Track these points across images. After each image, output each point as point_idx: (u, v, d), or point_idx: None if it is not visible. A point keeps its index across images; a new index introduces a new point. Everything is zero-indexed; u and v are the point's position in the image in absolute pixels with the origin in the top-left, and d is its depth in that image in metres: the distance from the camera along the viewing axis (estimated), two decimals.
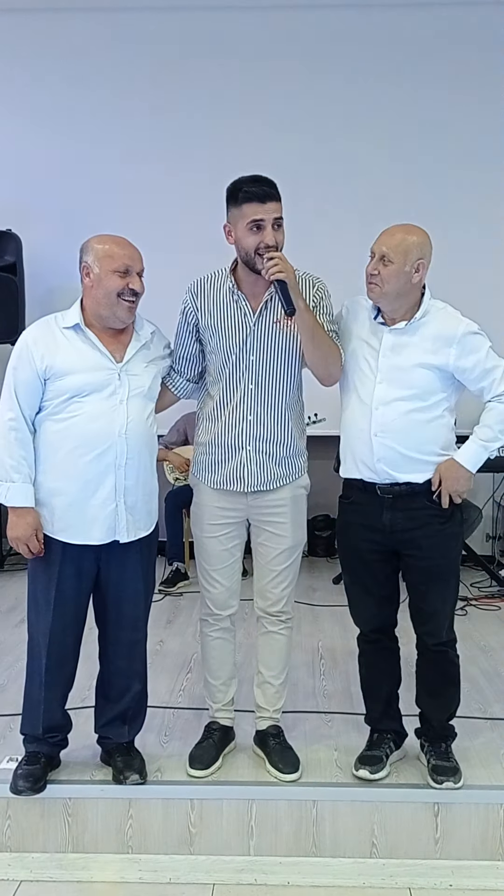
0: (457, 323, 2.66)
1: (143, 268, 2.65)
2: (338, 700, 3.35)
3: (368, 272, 2.62)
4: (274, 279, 2.55)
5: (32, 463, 2.63)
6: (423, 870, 2.65)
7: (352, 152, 5.23)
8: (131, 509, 2.67)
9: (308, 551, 5.46)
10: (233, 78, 5.25)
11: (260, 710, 2.94)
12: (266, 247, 2.57)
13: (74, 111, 5.31)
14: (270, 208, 2.58)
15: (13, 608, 4.43)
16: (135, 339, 2.70)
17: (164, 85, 5.28)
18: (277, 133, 5.18)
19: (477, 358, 2.65)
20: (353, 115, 5.24)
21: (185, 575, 4.95)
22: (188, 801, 2.72)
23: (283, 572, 2.82)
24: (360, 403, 2.68)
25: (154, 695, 3.08)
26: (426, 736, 2.86)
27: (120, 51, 5.27)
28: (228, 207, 2.64)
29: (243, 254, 2.64)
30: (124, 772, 2.76)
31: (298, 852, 2.70)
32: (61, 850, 2.71)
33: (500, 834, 2.68)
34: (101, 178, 5.27)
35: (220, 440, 2.76)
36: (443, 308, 2.70)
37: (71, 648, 2.73)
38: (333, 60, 5.24)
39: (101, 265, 2.61)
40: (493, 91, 5.20)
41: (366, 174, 5.19)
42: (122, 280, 2.60)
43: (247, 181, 2.61)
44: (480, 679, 3.50)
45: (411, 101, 5.23)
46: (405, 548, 2.70)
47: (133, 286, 2.61)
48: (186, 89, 5.27)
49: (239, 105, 5.24)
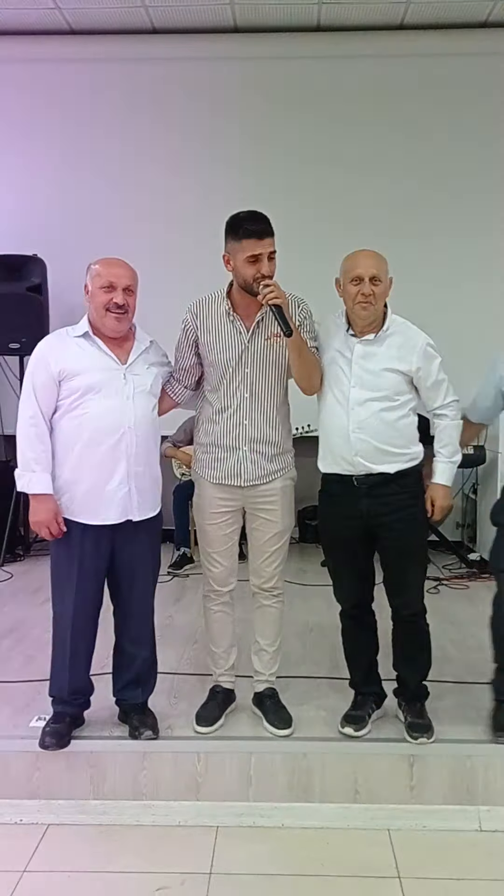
0: (418, 335, 2.75)
1: (129, 284, 2.68)
2: (325, 667, 3.39)
3: (364, 294, 2.64)
4: (271, 304, 2.60)
5: (50, 456, 2.68)
6: (400, 813, 2.69)
7: (323, 185, 5.25)
8: (141, 492, 2.72)
9: (299, 538, 5.50)
10: (234, 123, 5.29)
11: (257, 674, 2.98)
12: (262, 276, 2.63)
13: (92, 149, 5.35)
14: (266, 244, 2.63)
15: (38, 589, 4.46)
16: (136, 345, 2.76)
17: (174, 121, 5.32)
18: (274, 167, 5.23)
19: (433, 367, 2.74)
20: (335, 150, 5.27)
21: (190, 559, 4.99)
22: (195, 754, 2.76)
23: (275, 553, 2.87)
24: (338, 405, 2.73)
25: (164, 663, 3.12)
26: (403, 696, 2.90)
27: (132, 94, 5.31)
28: (228, 240, 2.68)
29: (241, 281, 2.69)
30: (139, 728, 2.80)
31: (291, 798, 2.73)
32: (84, 798, 2.74)
33: (468, 782, 2.72)
34: (116, 208, 5.31)
35: (219, 441, 2.80)
36: (403, 322, 2.77)
37: (91, 619, 2.77)
38: (321, 102, 5.27)
39: (92, 283, 2.68)
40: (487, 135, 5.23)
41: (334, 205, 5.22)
42: (107, 295, 2.65)
43: (246, 219, 2.65)
44: (451, 648, 3.53)
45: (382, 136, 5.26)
46: (380, 530, 2.75)
47: (116, 300, 2.65)
48: (196, 126, 5.31)
49: (240, 148, 5.28)
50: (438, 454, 2.80)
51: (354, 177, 5.24)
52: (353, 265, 2.68)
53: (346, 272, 2.70)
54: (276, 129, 5.27)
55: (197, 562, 4.69)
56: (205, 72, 5.27)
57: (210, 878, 2.42)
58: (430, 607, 2.90)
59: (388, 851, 2.54)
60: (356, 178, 5.24)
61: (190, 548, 5.04)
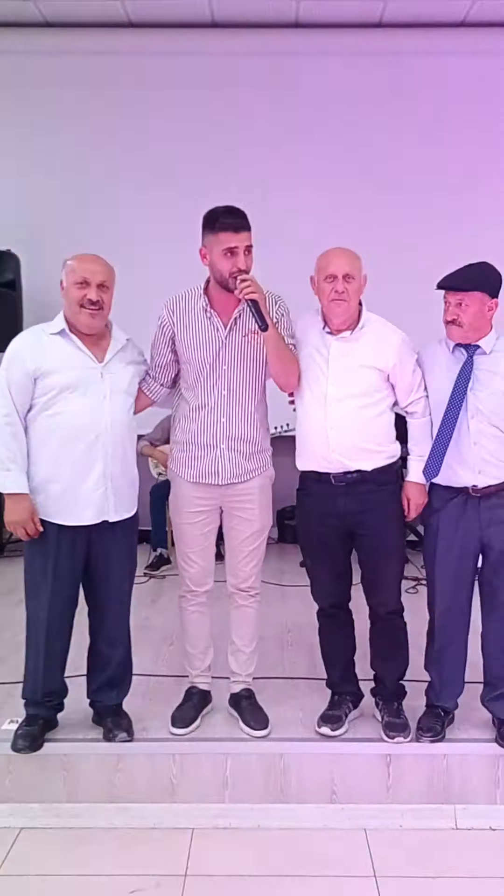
0: (393, 332, 2.76)
1: (104, 280, 2.66)
2: (302, 667, 3.39)
3: (338, 290, 2.66)
4: (247, 299, 2.60)
5: (25, 454, 2.66)
6: (377, 813, 2.70)
7: (298, 182, 5.25)
8: (118, 492, 2.71)
9: (278, 538, 5.51)
10: (216, 114, 5.27)
11: (234, 675, 2.98)
12: (239, 270, 2.62)
13: (66, 144, 5.32)
14: (243, 237, 2.64)
15: (11, 590, 4.40)
16: (112, 344, 2.74)
17: (149, 118, 5.29)
18: (250, 162, 5.22)
19: (411, 363, 2.76)
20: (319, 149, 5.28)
21: (167, 560, 4.97)
22: (170, 756, 2.75)
23: (252, 552, 2.87)
24: (315, 402, 2.73)
25: (140, 664, 3.10)
26: (381, 695, 2.92)
27: (107, 90, 5.27)
28: (205, 234, 2.68)
29: (218, 275, 2.68)
30: (113, 730, 2.79)
31: (268, 799, 2.73)
32: (57, 801, 2.73)
33: (444, 781, 2.74)
34: (91, 203, 5.28)
35: (196, 439, 2.79)
36: (378, 319, 2.78)
37: (66, 621, 2.75)
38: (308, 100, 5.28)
39: (67, 279, 2.67)
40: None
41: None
42: (81, 291, 2.63)
43: (222, 212, 2.66)
44: None
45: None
46: (358, 528, 2.76)
47: (90, 296, 2.63)
48: (172, 123, 5.29)
49: (222, 140, 5.26)
50: (411, 451, 2.82)
51: (330, 173, 5.25)
52: (327, 263, 2.70)
53: (320, 270, 2.71)
54: (252, 124, 5.26)
55: (174, 563, 4.67)
56: (181, 66, 5.25)
57: (185, 880, 2.42)
58: (409, 607, 2.92)
59: (364, 851, 2.56)
60: (332, 174, 5.25)
61: (167, 548, 5.03)
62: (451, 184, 5.23)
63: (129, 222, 5.25)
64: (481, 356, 2.71)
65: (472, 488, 2.69)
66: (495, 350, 2.71)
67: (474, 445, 2.67)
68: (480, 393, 2.68)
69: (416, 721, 2.85)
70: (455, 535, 2.73)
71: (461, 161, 5.24)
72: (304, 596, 3.01)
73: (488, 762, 2.75)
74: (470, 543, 2.73)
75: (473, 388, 2.68)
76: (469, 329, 2.68)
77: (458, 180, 5.24)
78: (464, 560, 2.74)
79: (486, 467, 2.67)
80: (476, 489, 2.69)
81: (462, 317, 2.66)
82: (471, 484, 2.69)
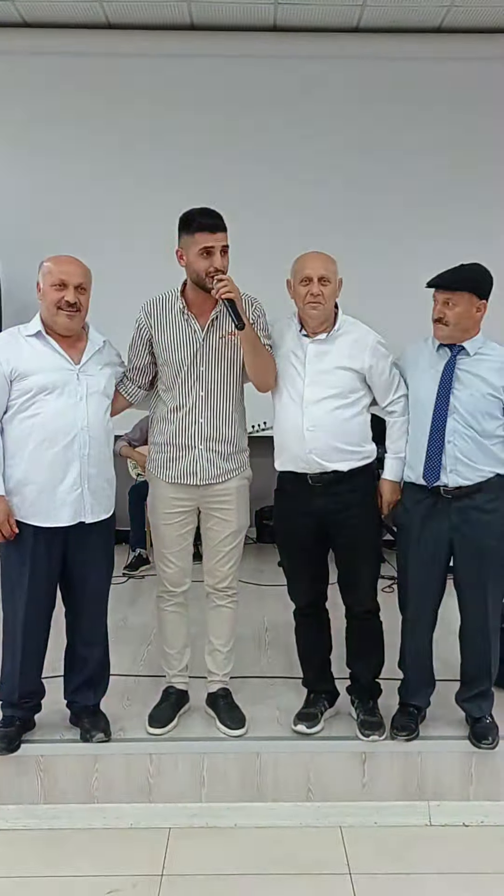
0: (368, 333, 2.80)
1: (81, 282, 2.66)
2: (279, 666, 3.41)
3: (313, 294, 2.68)
4: (224, 298, 2.62)
5: (1, 456, 2.66)
6: (352, 810, 2.73)
7: (277, 185, 5.25)
8: (94, 493, 2.71)
9: (257, 538, 5.52)
10: (192, 117, 5.26)
11: (211, 674, 2.99)
12: (215, 270, 2.64)
13: (45, 144, 5.28)
14: (219, 237, 2.66)
15: None
16: (89, 345, 2.75)
17: (127, 119, 5.27)
18: (228, 166, 5.22)
19: (386, 364, 2.80)
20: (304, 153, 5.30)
21: (146, 560, 4.97)
22: (147, 756, 2.76)
23: (230, 553, 2.89)
24: (292, 403, 2.76)
25: (118, 664, 3.11)
26: (356, 693, 2.94)
27: (84, 91, 5.25)
28: (181, 235, 2.70)
29: (194, 275, 2.70)
30: (91, 731, 2.80)
31: (244, 798, 2.75)
32: (34, 802, 2.73)
33: (418, 778, 2.77)
34: (72, 203, 5.25)
35: (174, 440, 2.81)
36: (354, 322, 2.81)
37: (43, 623, 2.75)
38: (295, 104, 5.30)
39: (44, 281, 2.67)
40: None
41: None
42: (58, 293, 2.64)
43: (199, 213, 2.68)
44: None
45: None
46: (334, 528, 2.79)
47: (67, 298, 2.63)
48: (150, 124, 5.29)
49: (196, 142, 5.26)
50: (389, 449, 2.85)
51: (307, 176, 5.26)
52: (302, 266, 2.73)
53: (296, 273, 2.74)
54: (229, 127, 5.26)
55: (152, 563, 4.67)
56: (159, 69, 5.24)
57: (162, 879, 2.44)
58: (385, 606, 2.95)
59: (339, 848, 2.58)
60: (308, 177, 5.26)
61: (146, 549, 5.03)
62: (428, 187, 5.27)
63: (110, 222, 5.23)
64: (464, 357, 2.73)
65: (443, 489, 2.72)
66: (479, 353, 2.73)
67: (448, 444, 2.70)
68: (460, 393, 2.70)
69: (391, 717, 2.87)
70: (425, 535, 2.76)
71: (438, 165, 5.28)
72: (282, 596, 3.03)
73: (461, 759, 2.79)
74: (440, 544, 2.76)
75: (453, 388, 2.71)
76: (455, 329, 2.71)
77: (435, 184, 5.27)
78: (434, 560, 2.78)
79: (457, 466, 2.70)
80: (447, 490, 2.72)
81: (448, 315, 2.69)
82: (442, 483, 2.72)
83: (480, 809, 2.74)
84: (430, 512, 2.75)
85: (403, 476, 2.83)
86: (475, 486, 2.71)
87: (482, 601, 2.75)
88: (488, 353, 2.73)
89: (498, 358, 2.73)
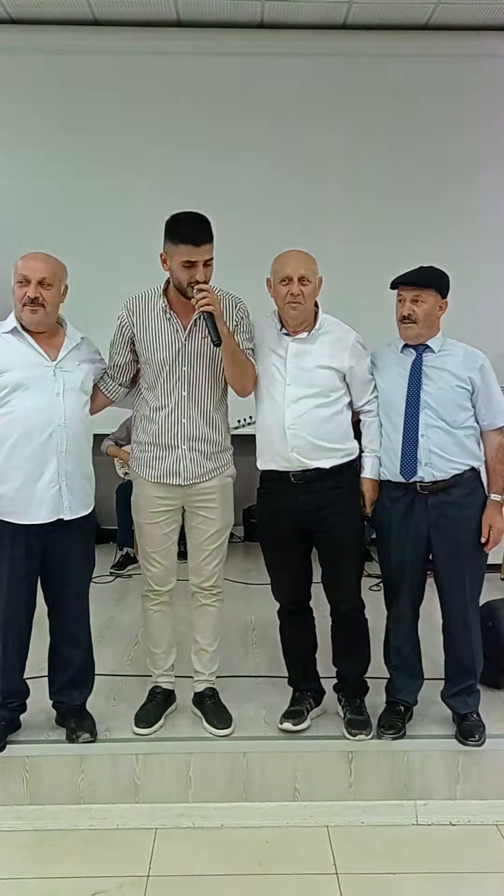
0: (349, 332, 2.81)
1: (44, 277, 2.62)
2: (266, 666, 3.39)
3: (293, 293, 2.69)
4: (203, 311, 2.60)
5: None
6: (339, 810, 2.72)
7: (261, 184, 5.22)
8: (72, 490, 2.69)
9: (244, 537, 5.51)
10: (180, 113, 5.23)
11: (197, 674, 2.98)
12: (196, 281, 2.62)
13: (29, 141, 5.23)
14: (203, 251, 2.62)
15: None
16: (66, 342, 2.73)
17: (114, 117, 5.22)
18: (219, 167, 5.18)
19: (364, 364, 2.82)
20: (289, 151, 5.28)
21: (133, 559, 4.93)
22: (133, 756, 2.75)
23: (215, 551, 2.87)
24: (273, 402, 2.75)
25: (105, 664, 3.10)
26: (343, 691, 2.94)
27: (71, 87, 5.20)
28: (166, 240, 2.67)
29: (176, 283, 2.69)
30: (76, 731, 2.78)
31: (231, 798, 2.74)
32: (20, 803, 2.71)
33: (405, 778, 2.76)
34: (57, 202, 5.21)
35: (157, 440, 2.79)
36: (335, 321, 2.82)
37: (24, 621, 2.73)
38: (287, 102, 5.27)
39: (13, 278, 2.66)
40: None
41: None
42: (21, 289, 2.63)
43: (185, 222, 2.64)
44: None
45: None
46: (317, 526, 2.78)
47: (28, 293, 2.62)
48: (135, 122, 5.24)
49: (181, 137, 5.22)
50: (366, 448, 2.86)
51: (293, 174, 5.24)
52: (282, 266, 2.72)
53: (276, 273, 2.74)
54: (216, 124, 5.22)
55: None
56: (145, 65, 5.20)
57: (147, 880, 2.42)
58: (371, 604, 2.94)
59: (326, 848, 2.57)
60: (295, 175, 5.24)
61: (133, 548, 5.00)
62: (416, 183, 5.26)
63: (96, 220, 5.19)
64: (430, 354, 2.80)
65: (419, 484, 2.74)
66: (443, 349, 2.81)
67: (422, 437, 2.73)
68: (429, 388, 2.76)
69: (378, 715, 2.87)
70: (404, 532, 2.78)
71: (427, 162, 5.27)
72: (269, 595, 3.02)
73: (448, 758, 2.78)
74: (419, 541, 2.78)
75: (423, 384, 2.76)
76: (423, 326, 2.76)
77: (424, 180, 5.26)
78: (414, 557, 2.79)
79: (432, 459, 2.73)
80: (423, 485, 2.73)
81: (417, 312, 2.74)
82: (418, 477, 2.73)
83: (467, 808, 2.73)
84: (408, 509, 2.78)
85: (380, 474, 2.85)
86: (450, 479, 2.74)
87: (462, 595, 2.78)
88: (451, 349, 2.82)
89: (461, 352, 2.81)
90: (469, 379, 2.75)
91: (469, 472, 2.77)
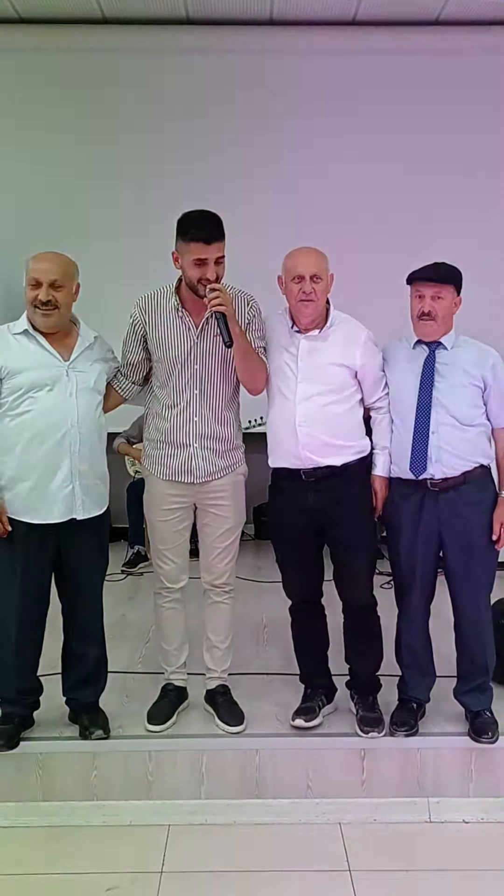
0: (360, 329, 2.80)
1: (55, 279, 2.62)
2: (278, 663, 3.40)
3: (305, 291, 2.68)
4: (214, 311, 2.60)
5: None
6: (351, 807, 2.72)
7: (256, 184, 5.20)
8: (86, 490, 2.70)
9: (255, 534, 5.51)
10: (189, 111, 5.22)
11: (209, 671, 2.98)
12: (207, 280, 2.62)
13: (40, 141, 5.24)
14: (214, 249, 2.62)
15: None
16: (79, 342, 2.74)
17: (120, 116, 5.22)
18: (226, 161, 5.17)
19: (376, 362, 2.81)
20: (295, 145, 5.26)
21: (145, 557, 4.96)
22: (146, 753, 2.76)
23: (226, 549, 2.88)
24: (285, 400, 2.75)
25: (117, 661, 3.11)
26: (355, 689, 2.94)
27: (80, 86, 5.20)
28: (178, 239, 2.66)
29: (188, 281, 2.68)
30: (90, 728, 2.79)
31: (243, 795, 2.74)
32: (34, 800, 2.72)
33: (417, 775, 2.76)
34: (67, 201, 5.21)
35: (169, 438, 2.79)
36: (346, 318, 2.81)
37: (38, 619, 2.75)
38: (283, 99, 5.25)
39: (25, 279, 2.66)
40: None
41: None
42: (32, 292, 2.63)
43: (196, 221, 2.63)
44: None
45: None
46: (329, 523, 2.78)
47: (40, 297, 2.62)
48: (143, 120, 5.23)
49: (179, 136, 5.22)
50: (377, 445, 2.85)
51: (303, 171, 5.22)
52: (294, 264, 2.72)
53: (288, 271, 2.73)
54: (226, 122, 5.22)
55: (151, 560, 4.66)
56: (154, 63, 5.18)
57: (161, 876, 2.43)
58: (384, 601, 2.94)
59: (338, 845, 2.57)
60: (305, 172, 5.22)
61: (144, 546, 5.01)
62: (427, 180, 5.23)
63: (104, 219, 5.20)
64: (442, 351, 2.78)
65: (429, 481, 2.73)
66: (456, 346, 2.80)
67: (432, 435, 2.73)
68: (440, 384, 2.75)
69: (390, 713, 2.87)
70: (415, 530, 2.78)
71: (437, 158, 5.24)
72: (280, 592, 3.02)
73: (461, 755, 2.78)
74: (430, 538, 2.77)
75: (435, 381, 2.75)
76: (441, 323, 2.75)
77: (434, 177, 5.24)
78: (425, 556, 2.79)
79: (442, 456, 2.72)
80: (434, 482, 2.73)
81: (437, 309, 2.73)
82: (429, 474, 2.72)
83: (480, 806, 2.73)
84: (419, 507, 2.77)
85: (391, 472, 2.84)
86: (460, 476, 2.73)
87: (473, 593, 2.78)
88: (463, 346, 2.81)
89: (474, 349, 2.81)
90: (481, 376, 2.75)
91: (479, 469, 2.76)
